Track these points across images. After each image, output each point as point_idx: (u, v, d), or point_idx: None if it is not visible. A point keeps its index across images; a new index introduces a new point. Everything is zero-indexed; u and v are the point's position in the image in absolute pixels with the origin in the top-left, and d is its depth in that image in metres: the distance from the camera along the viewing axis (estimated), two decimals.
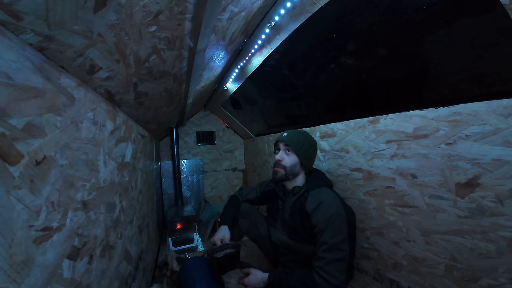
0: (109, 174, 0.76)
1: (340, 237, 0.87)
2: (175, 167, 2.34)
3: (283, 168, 1.04)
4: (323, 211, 0.91)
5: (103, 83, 0.70)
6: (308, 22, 0.92)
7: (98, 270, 0.62)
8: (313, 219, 0.93)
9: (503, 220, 0.66)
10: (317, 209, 0.93)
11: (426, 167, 0.84)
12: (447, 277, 0.81)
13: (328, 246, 0.87)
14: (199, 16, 0.65)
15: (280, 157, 1.05)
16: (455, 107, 0.74)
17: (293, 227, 1.03)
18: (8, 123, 0.35)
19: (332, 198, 0.94)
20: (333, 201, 0.93)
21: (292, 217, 1.04)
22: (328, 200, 0.93)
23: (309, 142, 1.06)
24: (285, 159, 1.04)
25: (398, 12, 0.76)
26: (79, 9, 0.43)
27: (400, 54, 0.87)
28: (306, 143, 1.05)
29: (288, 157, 1.04)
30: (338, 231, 0.88)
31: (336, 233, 0.88)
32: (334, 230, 0.88)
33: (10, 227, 0.34)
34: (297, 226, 1.01)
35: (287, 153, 1.05)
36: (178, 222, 1.94)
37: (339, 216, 0.89)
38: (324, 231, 0.89)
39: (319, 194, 0.98)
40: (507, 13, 0.54)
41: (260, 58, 1.28)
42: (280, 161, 1.04)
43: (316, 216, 0.92)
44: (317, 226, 0.91)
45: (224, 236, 1.10)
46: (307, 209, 0.96)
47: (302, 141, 1.04)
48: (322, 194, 0.97)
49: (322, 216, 0.90)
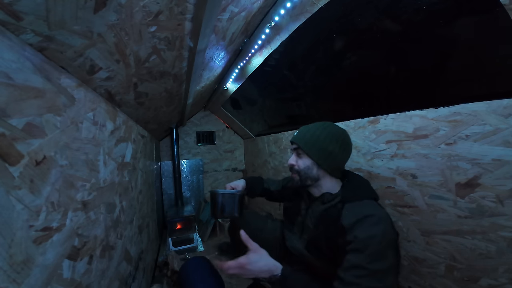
0: (109, 174, 0.76)
1: (383, 265, 0.65)
2: (175, 167, 2.35)
3: (296, 173, 0.88)
4: (367, 227, 0.69)
5: (103, 83, 0.70)
6: (308, 22, 0.92)
7: (98, 270, 0.62)
8: (349, 235, 0.70)
9: (503, 220, 0.66)
10: (358, 224, 0.71)
11: (426, 167, 0.84)
12: (447, 277, 0.80)
13: (364, 272, 0.65)
14: (199, 16, 0.65)
15: (292, 162, 0.89)
16: (455, 107, 0.74)
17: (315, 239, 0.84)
18: (8, 123, 0.35)
19: (382, 214, 0.72)
20: (382, 218, 0.71)
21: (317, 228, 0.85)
22: (376, 215, 0.71)
23: (327, 135, 0.83)
24: (297, 163, 0.88)
25: (398, 12, 0.76)
26: (79, 9, 0.43)
27: (400, 54, 0.87)
28: (321, 138, 0.83)
29: (301, 159, 0.87)
30: (381, 255, 0.65)
31: (379, 257, 0.65)
32: (376, 254, 0.65)
33: (10, 227, 0.34)
34: (321, 239, 0.81)
35: (299, 155, 0.88)
36: (178, 222, 1.95)
37: (387, 238, 0.67)
38: (362, 251, 0.66)
39: (360, 208, 0.75)
40: (507, 13, 0.54)
41: (260, 58, 1.28)
42: (293, 166, 0.89)
43: (354, 231, 0.69)
44: (352, 243, 0.68)
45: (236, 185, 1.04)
46: (343, 223, 0.74)
47: (315, 137, 0.84)
48: (366, 208, 0.74)
49: (363, 233, 0.68)
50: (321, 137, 0.84)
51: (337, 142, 0.83)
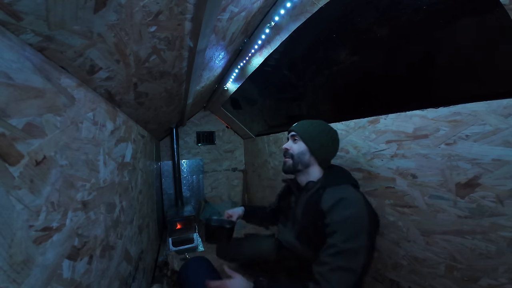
0: (109, 174, 0.76)
1: (354, 244, 0.70)
2: (175, 167, 2.35)
3: (290, 157, 0.96)
4: (341, 209, 0.75)
5: (103, 83, 0.70)
6: (308, 22, 0.92)
7: (98, 270, 0.62)
8: (327, 218, 0.77)
9: (503, 220, 0.66)
10: (334, 207, 0.77)
11: (426, 167, 0.84)
12: (447, 277, 0.80)
13: (336, 250, 0.70)
14: (199, 16, 0.65)
15: (287, 146, 0.98)
16: (455, 107, 0.74)
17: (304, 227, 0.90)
18: (8, 123, 0.35)
19: (356, 197, 0.78)
20: (356, 201, 0.76)
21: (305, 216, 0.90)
22: (349, 198, 0.77)
23: (323, 130, 0.95)
24: (292, 147, 0.96)
25: (398, 12, 0.76)
26: (79, 9, 0.43)
27: (400, 54, 0.87)
28: (317, 131, 0.95)
29: (296, 144, 0.96)
30: (354, 236, 0.70)
31: (351, 237, 0.70)
32: (349, 234, 0.71)
33: (10, 227, 0.34)
34: (309, 226, 0.86)
35: (295, 141, 0.97)
36: (178, 222, 1.95)
37: (359, 220, 0.72)
38: (336, 231, 0.72)
39: (338, 191, 0.81)
40: (507, 13, 0.54)
41: (260, 58, 1.28)
42: (287, 150, 0.97)
43: (331, 215, 0.76)
44: (329, 226, 0.74)
45: (233, 213, 1.09)
46: (322, 207, 0.80)
47: (312, 128, 0.95)
48: (343, 192, 0.80)
49: (338, 215, 0.74)
50: (317, 129, 0.96)
51: (330, 137, 0.96)
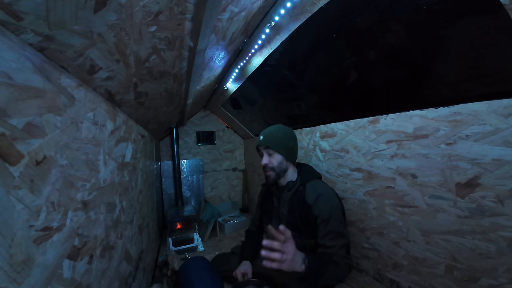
0: (109, 174, 0.76)
1: (343, 225, 0.97)
2: (175, 167, 2.34)
3: (272, 170, 1.08)
4: (324, 202, 0.98)
5: (103, 83, 0.70)
6: (308, 22, 0.92)
7: (98, 270, 0.62)
8: (315, 210, 0.98)
9: (503, 220, 0.66)
10: (318, 200, 0.99)
11: (426, 167, 0.84)
12: (447, 277, 0.80)
13: (335, 233, 0.95)
14: (199, 16, 0.65)
15: (266, 161, 1.08)
16: (455, 107, 0.74)
17: (292, 221, 1.05)
18: (8, 123, 0.35)
19: (329, 190, 1.03)
20: (331, 193, 1.02)
21: (292, 212, 1.06)
22: (326, 191, 1.01)
23: (286, 135, 1.09)
24: (271, 161, 1.08)
25: (398, 12, 0.76)
26: (79, 9, 0.43)
27: (400, 54, 0.87)
28: (283, 138, 1.08)
29: (273, 158, 1.08)
30: (340, 219, 0.97)
31: (341, 221, 0.97)
32: (338, 219, 0.96)
33: (10, 227, 0.34)
34: (297, 220, 1.04)
35: (270, 155, 1.08)
36: (178, 222, 1.94)
37: (338, 206, 0.99)
38: (328, 220, 0.95)
39: (315, 186, 1.04)
40: (507, 13, 0.54)
41: (260, 58, 1.28)
42: (267, 165, 1.08)
43: (317, 207, 0.98)
44: (319, 216, 0.97)
45: (246, 270, 1.08)
46: (308, 202, 1.01)
47: (279, 137, 1.08)
48: (319, 186, 1.04)
49: (324, 207, 0.97)
50: (282, 136, 1.08)
51: (293, 139, 1.11)
